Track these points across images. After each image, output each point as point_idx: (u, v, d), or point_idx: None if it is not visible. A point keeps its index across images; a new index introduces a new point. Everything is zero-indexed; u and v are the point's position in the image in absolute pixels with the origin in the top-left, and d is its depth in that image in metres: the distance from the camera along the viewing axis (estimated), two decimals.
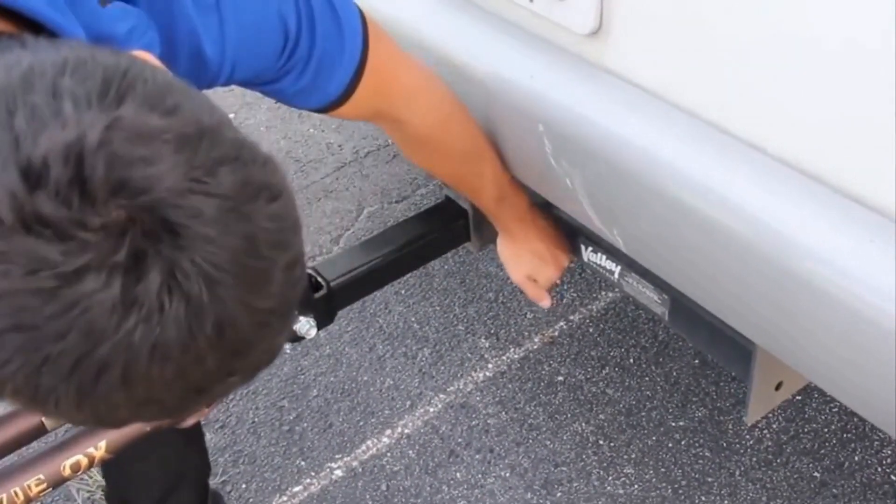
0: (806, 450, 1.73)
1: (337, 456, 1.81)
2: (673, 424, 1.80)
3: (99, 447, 0.99)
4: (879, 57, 0.80)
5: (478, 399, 1.88)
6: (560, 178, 1.17)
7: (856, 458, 1.71)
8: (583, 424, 1.82)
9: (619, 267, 1.32)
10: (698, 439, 1.78)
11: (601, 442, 1.79)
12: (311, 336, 1.31)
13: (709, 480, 1.71)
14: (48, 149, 0.46)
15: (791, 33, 0.88)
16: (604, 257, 1.35)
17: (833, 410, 1.79)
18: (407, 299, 2.10)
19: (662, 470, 1.73)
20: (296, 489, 1.76)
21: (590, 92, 1.11)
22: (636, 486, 1.71)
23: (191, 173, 0.49)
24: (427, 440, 1.82)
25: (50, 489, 0.98)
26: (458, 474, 1.76)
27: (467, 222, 1.48)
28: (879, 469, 1.69)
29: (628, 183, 1.06)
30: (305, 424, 1.86)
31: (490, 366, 1.95)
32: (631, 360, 1.93)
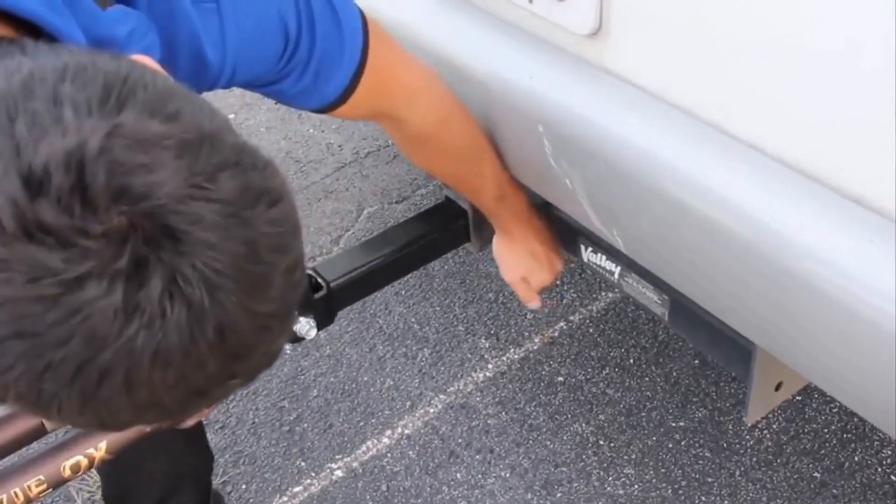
0: (806, 450, 1.73)
1: (337, 456, 1.81)
2: (673, 425, 1.80)
3: (99, 448, 0.99)
4: (879, 57, 0.80)
5: (478, 399, 1.88)
6: (560, 179, 1.17)
7: (856, 459, 1.71)
8: (583, 425, 1.82)
9: (619, 267, 1.32)
10: (698, 440, 1.78)
11: (601, 442, 1.79)
12: (312, 337, 1.31)
13: (709, 481, 1.71)
14: (49, 156, 0.46)
15: (790, 34, 0.88)
16: (603, 258, 1.35)
17: (833, 411, 1.79)
18: (407, 300, 2.10)
19: (662, 470, 1.73)
20: (296, 490, 1.76)
21: (589, 92, 1.11)
22: (636, 487, 1.71)
23: (191, 179, 0.49)
24: (427, 441, 1.82)
25: (50, 490, 0.98)
26: (459, 475, 1.76)
27: (467, 223, 1.48)
28: (879, 469, 1.69)
29: (628, 183, 1.06)
30: (306, 425, 1.86)
31: (490, 366, 1.95)
32: (631, 361, 1.93)
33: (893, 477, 1.68)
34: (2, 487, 0.95)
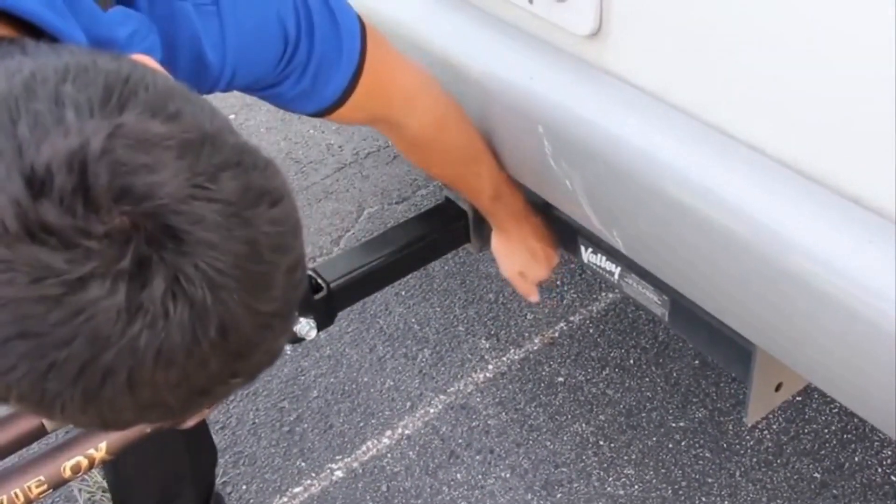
0: (806, 450, 1.74)
1: (337, 457, 1.81)
2: (673, 425, 1.80)
3: (99, 448, 0.99)
4: (879, 58, 0.80)
5: (478, 400, 1.88)
6: (560, 180, 1.17)
7: (856, 459, 1.71)
8: (583, 425, 1.82)
9: (619, 268, 1.32)
10: (698, 440, 1.78)
11: (601, 443, 1.79)
12: (312, 337, 1.31)
13: (709, 481, 1.71)
14: (51, 157, 0.47)
15: (789, 34, 0.88)
16: (603, 258, 1.35)
17: (833, 411, 1.79)
18: (407, 300, 2.10)
19: (663, 471, 1.73)
20: (296, 490, 1.76)
21: (589, 93, 1.11)
22: (636, 487, 1.71)
23: (193, 179, 0.49)
24: (427, 441, 1.82)
25: (50, 490, 0.98)
26: (459, 475, 1.76)
27: (467, 223, 1.48)
28: (880, 470, 1.69)
29: (628, 184, 1.07)
30: (306, 425, 1.86)
31: (490, 367, 1.95)
32: (631, 361, 1.93)
33: (894, 477, 1.68)
34: (2, 488, 0.95)
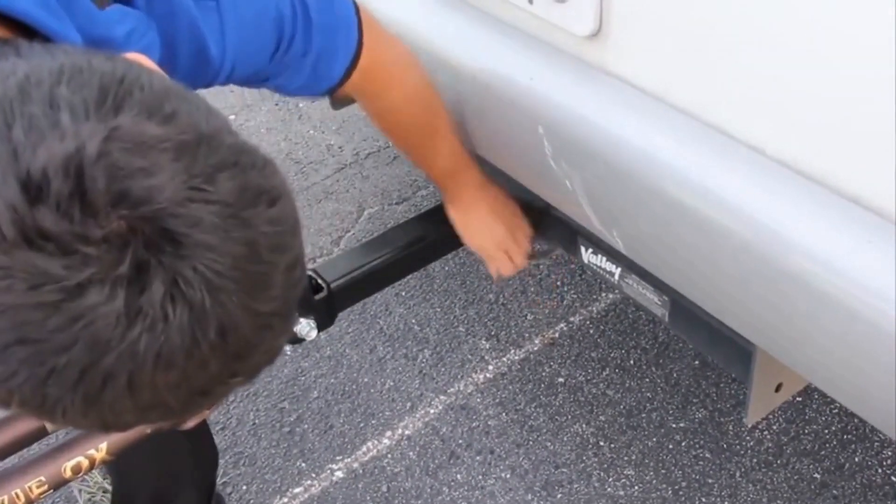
0: (806, 451, 1.73)
1: (337, 457, 1.81)
2: (673, 426, 1.80)
3: (100, 449, 0.99)
4: (879, 58, 0.80)
5: (478, 400, 1.88)
6: (560, 180, 1.17)
7: (856, 460, 1.71)
8: (583, 426, 1.82)
9: (619, 268, 1.32)
10: (699, 441, 1.78)
11: (602, 443, 1.79)
12: (312, 338, 1.31)
13: (709, 482, 1.71)
14: (47, 161, 0.46)
15: (789, 35, 0.88)
16: (604, 259, 1.35)
17: (833, 412, 1.79)
18: (407, 301, 2.10)
19: (663, 471, 1.73)
20: (296, 490, 1.76)
21: (589, 94, 1.11)
22: (636, 488, 1.71)
23: (190, 181, 0.49)
24: (427, 441, 1.82)
25: (51, 491, 0.98)
26: (459, 476, 1.76)
27: None
28: (880, 470, 1.69)
29: (628, 184, 1.06)
30: (306, 426, 1.86)
31: (490, 367, 1.95)
32: (631, 362, 1.93)
33: (894, 478, 1.68)
34: (3, 488, 0.95)
